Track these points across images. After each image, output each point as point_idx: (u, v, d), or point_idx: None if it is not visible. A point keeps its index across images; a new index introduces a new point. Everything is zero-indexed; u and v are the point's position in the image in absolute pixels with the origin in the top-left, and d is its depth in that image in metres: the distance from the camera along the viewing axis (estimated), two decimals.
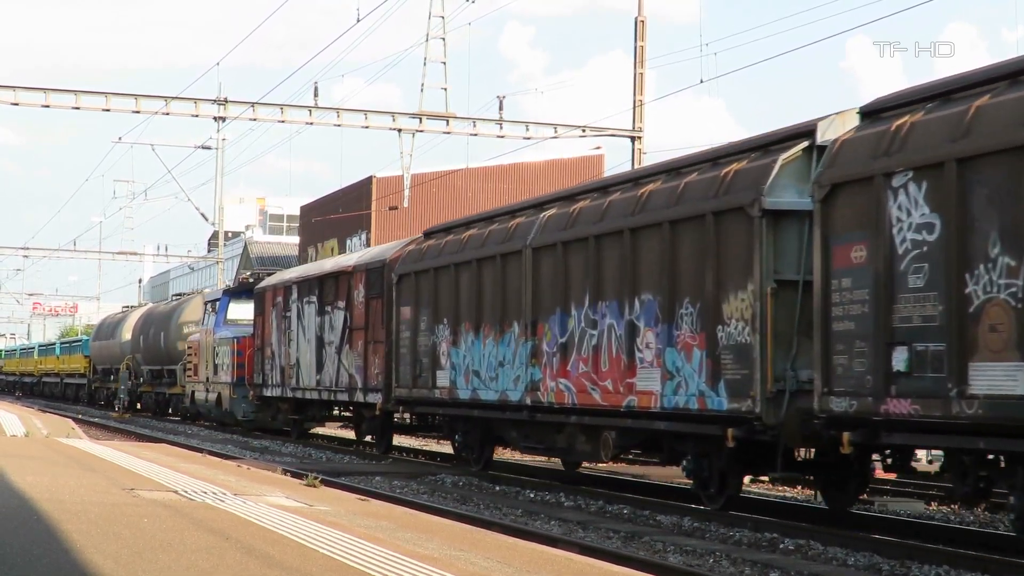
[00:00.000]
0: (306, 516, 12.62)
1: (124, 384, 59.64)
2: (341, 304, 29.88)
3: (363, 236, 73.58)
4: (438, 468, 25.12)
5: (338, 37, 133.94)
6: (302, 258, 77.53)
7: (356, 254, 31.30)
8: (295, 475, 20.51)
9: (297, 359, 32.93)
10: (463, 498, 20.34)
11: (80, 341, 75.44)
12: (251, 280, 39.84)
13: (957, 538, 15.28)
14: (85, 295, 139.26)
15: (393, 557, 9.83)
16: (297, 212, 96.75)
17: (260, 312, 36.24)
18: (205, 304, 41.83)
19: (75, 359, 74.43)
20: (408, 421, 29.50)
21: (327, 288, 31.14)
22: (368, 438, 31.25)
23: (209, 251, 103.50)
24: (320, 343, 31.19)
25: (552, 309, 20.43)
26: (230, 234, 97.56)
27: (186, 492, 14.57)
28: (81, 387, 73.18)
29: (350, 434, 36.42)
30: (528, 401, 21.14)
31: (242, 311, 38.78)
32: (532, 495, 20.50)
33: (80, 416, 50.49)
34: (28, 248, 79.92)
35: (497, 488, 21.79)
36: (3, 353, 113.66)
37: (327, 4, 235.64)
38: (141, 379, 55.05)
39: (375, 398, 27.87)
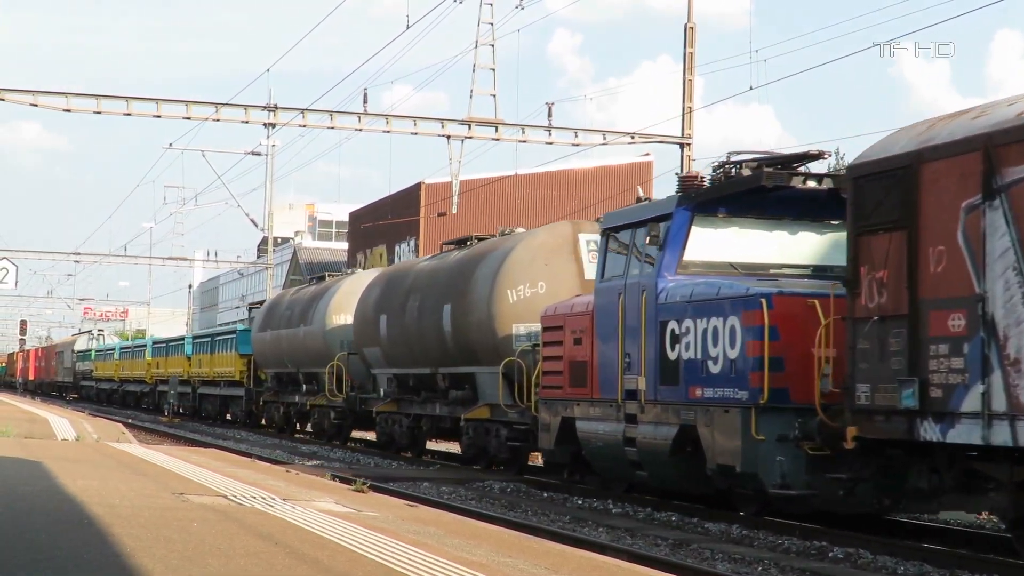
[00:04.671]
0: (354, 521, 12.65)
1: (174, 388, 59.88)
2: None
3: (412, 242, 73.82)
4: (486, 474, 25.12)
5: (387, 44, 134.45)
6: (350, 264, 77.75)
7: None
8: (344, 481, 20.57)
9: None
10: (511, 504, 20.34)
11: (232, 333, 51.37)
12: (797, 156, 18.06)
13: (1008, 547, 15.15)
14: (135, 300, 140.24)
15: (441, 563, 9.84)
16: (346, 218, 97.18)
17: (915, 219, 14.05)
18: (606, 235, 20.21)
19: (223, 360, 51.46)
20: None
21: None
22: None
23: (259, 257, 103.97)
24: None
25: None
26: (279, 240, 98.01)
27: (235, 497, 14.63)
28: (232, 401, 51.19)
29: None
30: None
31: (726, 243, 18.37)
32: (580, 502, 20.47)
33: (130, 420, 50.70)
34: (79, 253, 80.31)
35: (545, 495, 21.77)
36: (93, 354, 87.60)
37: (376, 11, 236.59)
38: (382, 392, 32.41)
39: None
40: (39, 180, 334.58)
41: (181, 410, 59.76)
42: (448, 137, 39.17)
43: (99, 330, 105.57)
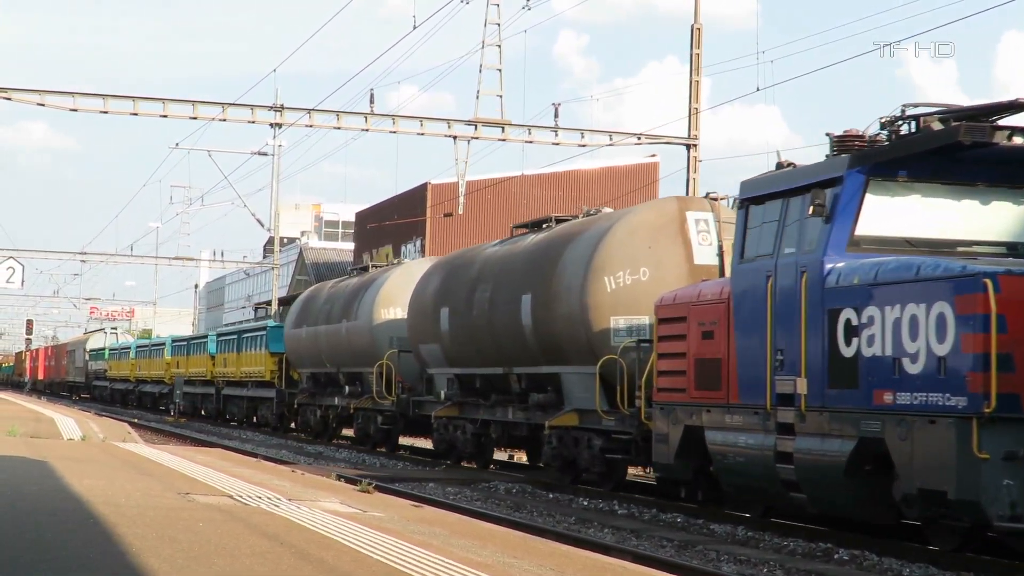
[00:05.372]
0: (360, 522, 12.64)
1: (179, 388, 59.81)
2: None
3: (418, 243, 73.82)
4: (492, 475, 25.11)
5: (394, 44, 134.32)
6: (357, 264, 77.87)
7: None
8: (349, 481, 20.57)
9: None
10: (516, 505, 20.34)
11: (262, 329, 47.24)
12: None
13: (1012, 549, 15.12)
14: (141, 300, 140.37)
15: (446, 563, 9.84)
16: (352, 219, 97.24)
17: None
18: (746, 206, 16.88)
19: (251, 359, 47.51)
20: None
21: None
22: None
23: (265, 257, 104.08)
24: None
25: None
26: (285, 240, 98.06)
27: (241, 496, 14.63)
28: (261, 403, 46.86)
29: None
30: None
31: (905, 214, 15.25)
32: (585, 503, 20.46)
33: (136, 420, 50.70)
34: (86, 253, 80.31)
35: (550, 495, 21.77)
36: (107, 352, 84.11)
37: (383, 12, 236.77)
38: (442, 394, 28.35)
39: None
40: (45, 180, 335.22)
41: (204, 412, 57.06)
42: (454, 137, 39.20)
43: (113, 328, 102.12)
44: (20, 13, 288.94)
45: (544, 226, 25.60)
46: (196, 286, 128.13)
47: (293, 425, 43.07)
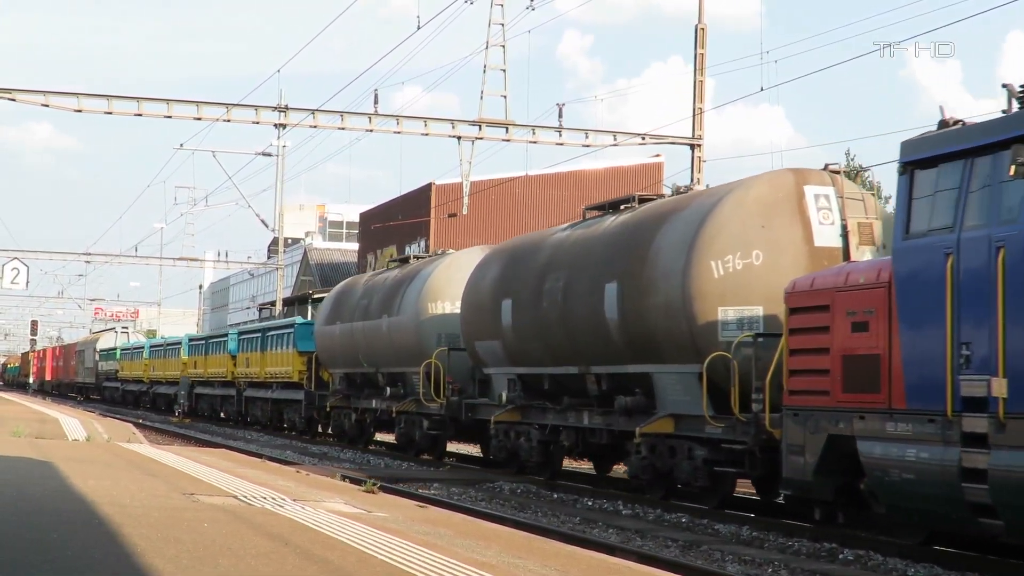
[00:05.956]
0: (364, 522, 12.65)
1: (184, 388, 59.80)
2: None
3: (422, 243, 73.85)
4: (496, 475, 25.10)
5: (398, 45, 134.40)
6: (361, 265, 77.79)
7: None
8: (353, 481, 20.58)
9: None
10: (521, 505, 20.33)
11: (290, 327, 43.71)
12: None
13: (1016, 550, 15.11)
14: (146, 301, 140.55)
15: (451, 564, 9.84)
16: (356, 219, 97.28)
17: None
18: (910, 171, 13.91)
19: (277, 358, 44.15)
20: None
21: None
22: None
23: (269, 257, 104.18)
24: None
25: None
26: (290, 240, 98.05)
27: (245, 497, 14.64)
28: (288, 406, 43.22)
29: None
30: None
31: None
32: (590, 503, 20.46)
33: (141, 420, 50.73)
34: (90, 254, 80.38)
35: (555, 496, 21.76)
36: (119, 352, 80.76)
37: (387, 12, 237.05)
38: (503, 396, 25.43)
39: None
40: (50, 180, 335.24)
41: (223, 415, 53.69)
42: (459, 138, 39.19)
43: (124, 328, 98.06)
44: (21, 13, 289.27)
45: (623, 207, 22.53)
46: (200, 287, 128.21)
47: (321, 429, 40.66)
